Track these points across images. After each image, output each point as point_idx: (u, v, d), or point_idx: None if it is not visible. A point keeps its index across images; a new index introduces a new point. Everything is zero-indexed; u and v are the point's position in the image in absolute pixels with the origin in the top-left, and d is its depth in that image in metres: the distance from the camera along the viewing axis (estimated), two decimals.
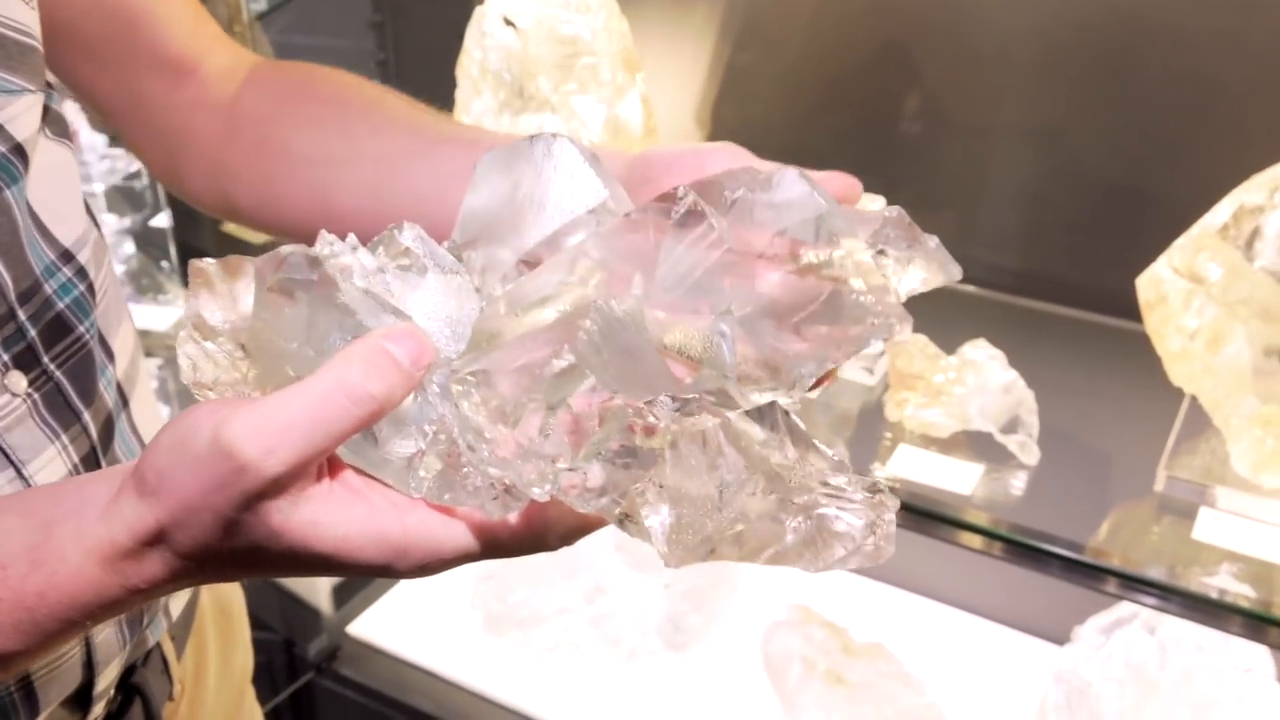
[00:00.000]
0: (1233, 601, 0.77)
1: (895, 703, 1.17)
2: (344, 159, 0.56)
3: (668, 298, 0.37)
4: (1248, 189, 0.82)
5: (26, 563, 0.39)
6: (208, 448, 0.35)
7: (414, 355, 0.36)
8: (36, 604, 0.39)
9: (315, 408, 0.35)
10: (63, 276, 0.50)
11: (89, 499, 0.39)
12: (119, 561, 0.38)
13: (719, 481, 0.36)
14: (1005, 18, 1.05)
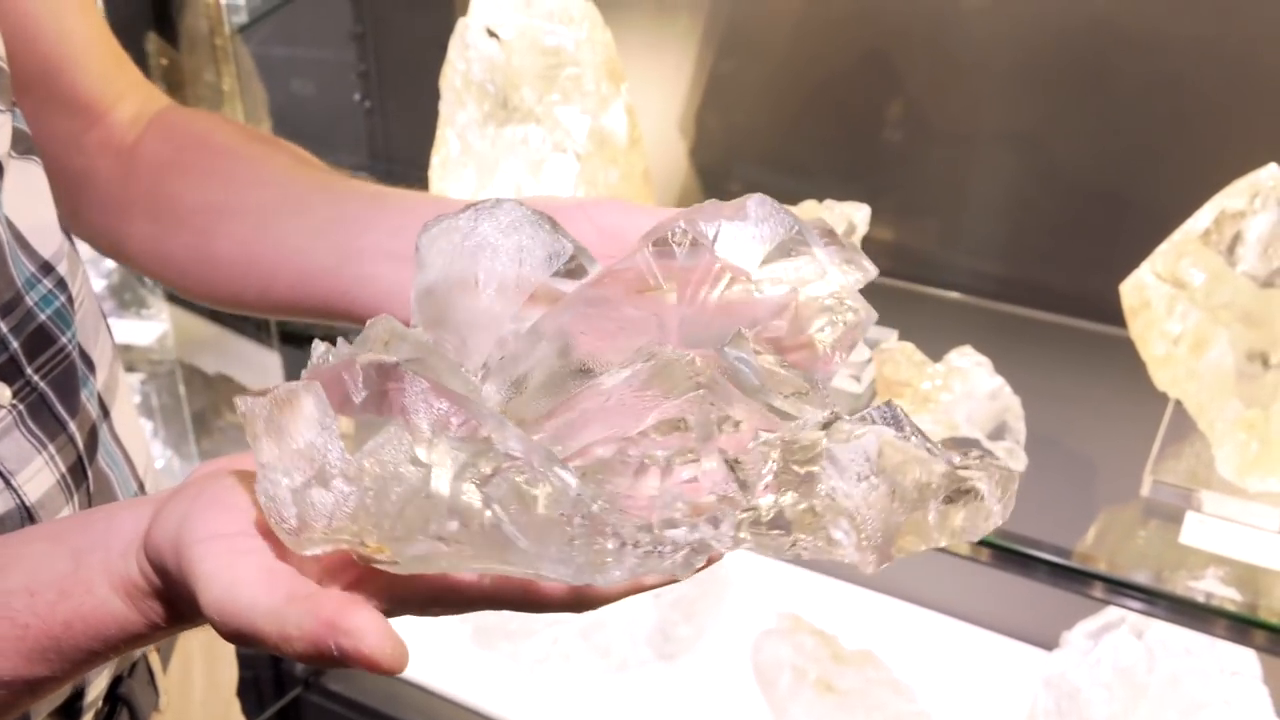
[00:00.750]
0: (1219, 605, 0.77)
1: (885, 710, 1.17)
2: (224, 209, 0.56)
3: (697, 344, 0.37)
4: (1229, 194, 0.82)
5: (56, 591, 0.39)
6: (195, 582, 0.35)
7: (388, 659, 0.34)
8: (63, 633, 0.39)
9: (274, 618, 0.34)
10: (43, 288, 0.50)
11: (116, 531, 0.39)
12: (142, 599, 0.39)
13: (869, 477, 0.35)
14: (986, 25, 1.06)
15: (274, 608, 0.34)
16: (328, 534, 0.33)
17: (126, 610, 0.39)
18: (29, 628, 0.39)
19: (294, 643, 0.33)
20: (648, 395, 0.35)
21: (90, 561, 0.39)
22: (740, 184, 1.23)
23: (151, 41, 1.34)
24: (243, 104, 1.32)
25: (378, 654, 0.33)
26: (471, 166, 1.06)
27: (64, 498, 0.50)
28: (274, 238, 0.55)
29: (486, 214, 0.40)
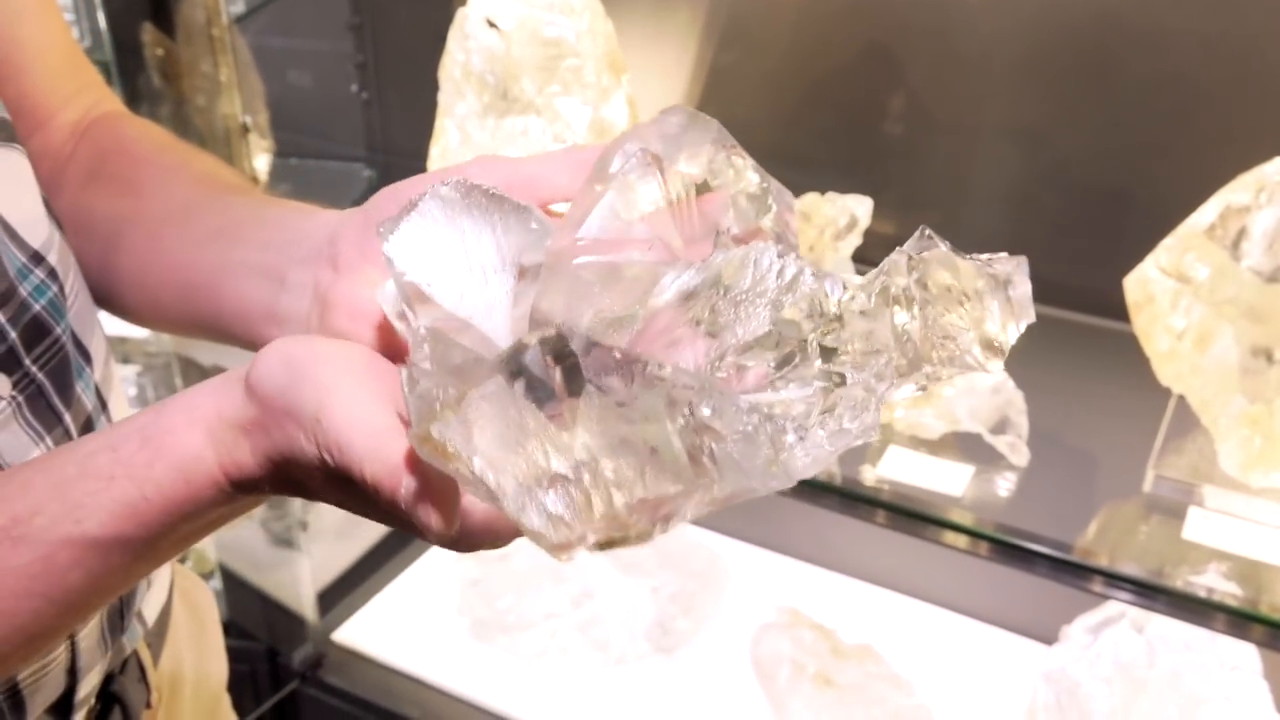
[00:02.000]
0: (1220, 600, 0.77)
1: (885, 704, 1.17)
2: (126, 219, 0.55)
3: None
4: (1234, 189, 0.82)
5: (138, 440, 0.40)
6: (308, 414, 0.36)
7: (437, 525, 0.34)
8: (145, 477, 0.39)
9: (355, 460, 0.35)
10: (35, 278, 0.50)
11: (211, 380, 0.40)
12: (221, 432, 0.39)
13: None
14: (989, 19, 1.05)
15: (369, 447, 0.34)
16: (601, 527, 0.32)
17: (203, 445, 0.39)
18: (113, 478, 0.39)
19: (380, 492, 0.34)
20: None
21: (172, 408, 0.40)
22: None
23: (148, 32, 1.33)
24: (240, 95, 1.31)
25: (439, 532, 0.34)
26: (471, 158, 1.05)
27: None
28: (164, 249, 0.54)
29: (450, 200, 0.40)
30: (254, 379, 0.38)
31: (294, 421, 0.37)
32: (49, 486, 0.40)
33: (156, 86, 1.36)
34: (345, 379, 0.37)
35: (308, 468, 0.37)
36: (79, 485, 0.40)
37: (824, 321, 0.37)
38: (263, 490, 0.40)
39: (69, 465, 0.40)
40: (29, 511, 0.40)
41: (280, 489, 0.40)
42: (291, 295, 0.48)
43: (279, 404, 0.37)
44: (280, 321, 0.49)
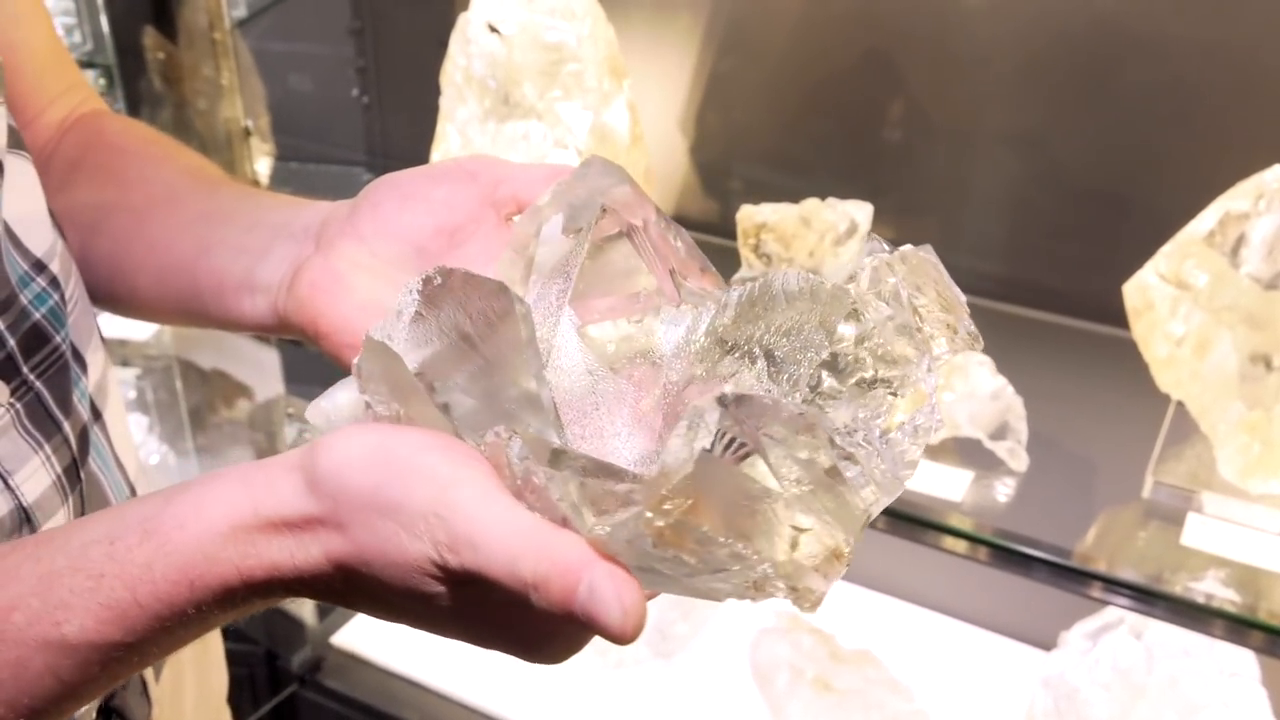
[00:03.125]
0: (1219, 606, 0.77)
1: (884, 709, 1.17)
2: (109, 206, 0.56)
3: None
4: (1233, 196, 0.82)
5: (138, 533, 0.36)
6: (422, 501, 0.33)
7: (621, 618, 0.32)
8: (140, 578, 0.35)
9: (502, 559, 0.32)
10: (37, 286, 0.50)
11: (227, 472, 0.37)
12: (252, 531, 0.35)
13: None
14: (988, 25, 1.06)
15: (530, 544, 0.32)
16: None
17: (221, 544, 0.35)
18: (103, 576, 0.36)
19: (541, 591, 0.32)
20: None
21: (184, 499, 0.36)
22: (741, 181, 1.23)
23: (150, 36, 1.33)
24: (241, 99, 1.31)
25: (622, 627, 0.31)
26: None
27: (60, 499, 0.50)
28: (146, 233, 0.54)
29: (445, 297, 0.38)
30: (327, 470, 0.35)
31: (393, 519, 0.34)
32: (34, 579, 0.36)
33: (158, 90, 1.36)
34: (463, 470, 0.34)
35: (397, 570, 0.34)
36: (66, 581, 0.36)
37: (865, 335, 0.38)
38: (291, 594, 0.37)
39: (60, 555, 0.37)
40: (7, 606, 0.36)
41: (328, 594, 0.37)
42: (269, 266, 0.49)
43: (370, 499, 0.34)
44: (253, 289, 0.49)
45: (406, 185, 0.48)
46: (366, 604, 0.37)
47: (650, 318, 0.41)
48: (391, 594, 0.35)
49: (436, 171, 0.48)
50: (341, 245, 0.47)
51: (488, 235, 0.47)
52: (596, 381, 0.40)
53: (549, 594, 0.32)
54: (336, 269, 0.46)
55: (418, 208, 0.47)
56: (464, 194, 0.47)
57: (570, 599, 0.32)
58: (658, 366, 0.41)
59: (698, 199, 1.26)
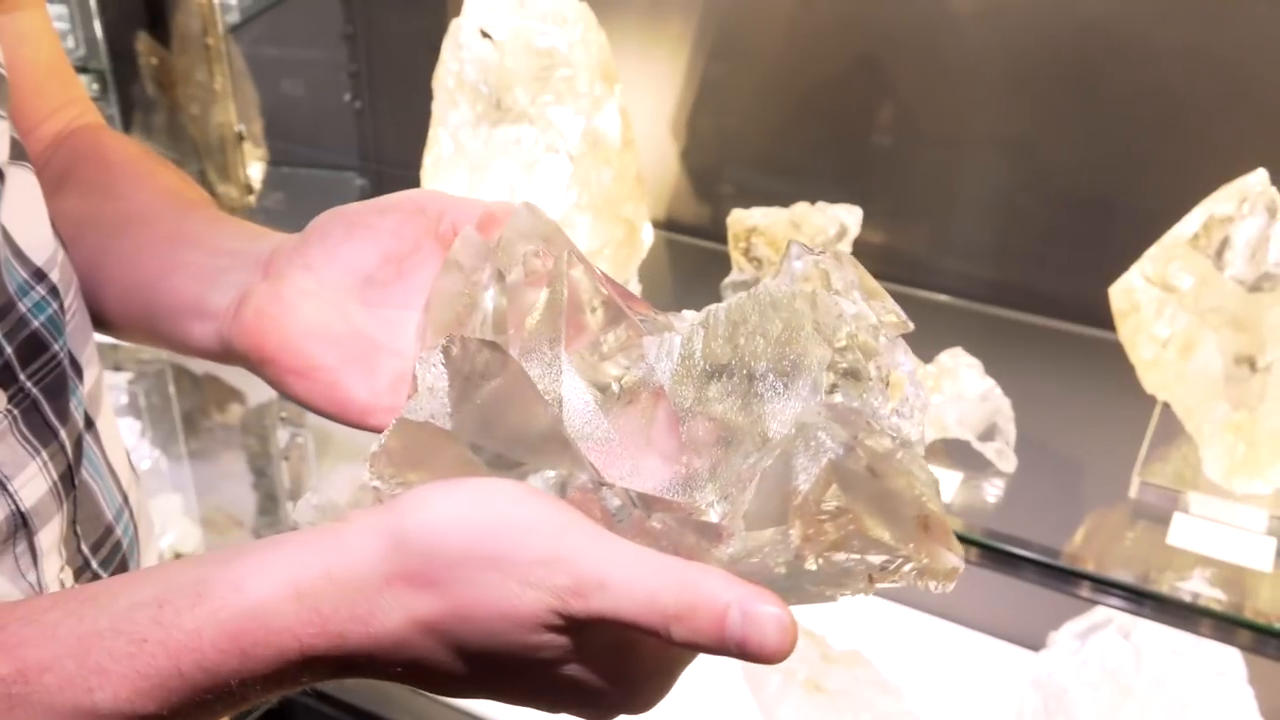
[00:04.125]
0: (1205, 605, 0.78)
1: (874, 710, 1.18)
2: (86, 220, 0.56)
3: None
4: (1217, 199, 0.83)
5: (190, 596, 0.34)
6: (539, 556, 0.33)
7: (779, 637, 0.32)
8: (185, 645, 0.33)
9: (639, 596, 0.32)
10: (36, 295, 0.50)
11: (290, 535, 0.35)
12: (320, 596, 0.33)
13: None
14: (977, 32, 1.06)
15: (668, 578, 0.32)
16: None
17: (284, 607, 0.33)
18: (146, 641, 0.33)
19: (685, 623, 0.31)
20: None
21: (245, 562, 0.34)
22: (732, 186, 1.24)
23: (143, 41, 1.33)
24: (234, 104, 1.31)
25: (780, 644, 0.31)
26: (464, 167, 1.06)
27: (55, 505, 0.50)
28: (115, 250, 0.54)
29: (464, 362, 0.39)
30: (417, 527, 0.34)
31: (500, 570, 0.32)
32: (74, 639, 0.34)
33: (151, 95, 1.36)
34: (567, 516, 0.34)
35: (505, 622, 0.33)
36: (106, 644, 0.34)
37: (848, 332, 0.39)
38: (346, 673, 0.35)
39: (103, 615, 0.34)
40: (40, 666, 0.34)
41: (395, 667, 0.35)
42: (220, 293, 0.49)
43: (470, 552, 0.33)
44: (203, 316, 0.49)
45: (354, 216, 0.48)
46: (442, 675, 0.35)
47: (634, 350, 0.42)
48: (487, 653, 0.34)
49: (384, 203, 0.48)
50: (289, 274, 0.47)
51: (434, 266, 0.48)
52: (611, 420, 0.41)
53: (694, 624, 0.31)
54: (283, 297, 0.46)
55: (365, 237, 0.47)
56: (410, 225, 0.47)
57: (720, 626, 0.31)
58: (660, 396, 0.41)
59: (689, 203, 1.27)
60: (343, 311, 0.47)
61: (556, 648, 0.34)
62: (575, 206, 1.03)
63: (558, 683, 0.35)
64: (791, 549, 0.33)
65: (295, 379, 0.46)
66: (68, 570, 0.51)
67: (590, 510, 0.35)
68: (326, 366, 0.46)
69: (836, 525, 0.32)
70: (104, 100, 1.34)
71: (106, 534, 0.54)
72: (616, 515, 0.35)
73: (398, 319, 0.47)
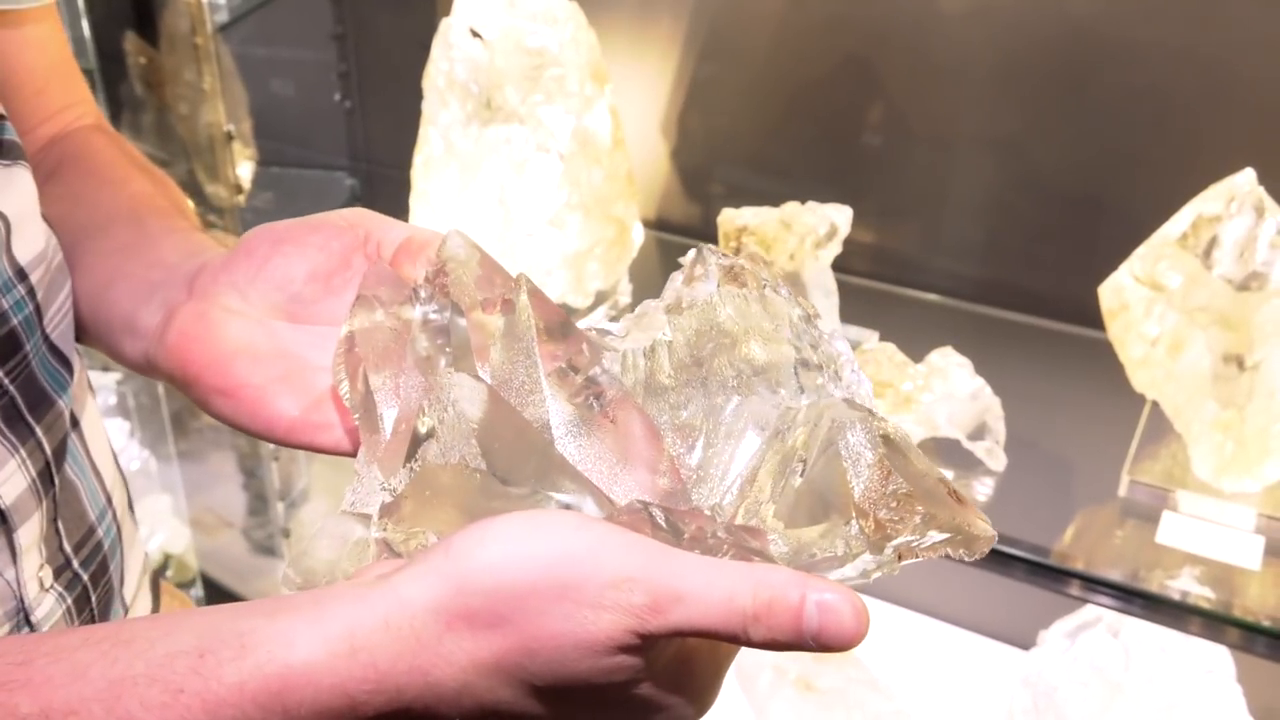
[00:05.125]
0: (1194, 603, 0.78)
1: (865, 709, 1.18)
2: (56, 223, 0.56)
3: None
4: (1205, 199, 0.83)
5: (235, 647, 0.32)
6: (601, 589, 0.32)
7: (854, 622, 0.32)
8: (224, 700, 0.31)
9: (717, 602, 0.32)
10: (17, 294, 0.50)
11: (339, 587, 0.33)
12: (375, 650, 0.32)
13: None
14: (965, 32, 1.07)
15: (741, 579, 0.32)
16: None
17: (334, 664, 0.31)
18: (183, 692, 0.31)
19: (764, 622, 0.32)
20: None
21: (294, 616, 0.32)
22: (722, 185, 1.24)
23: (131, 40, 1.33)
24: (223, 103, 1.31)
25: (857, 629, 0.32)
26: (454, 166, 1.06)
27: (35, 503, 0.50)
28: (76, 256, 0.54)
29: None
30: (477, 567, 0.33)
31: (570, 600, 0.32)
32: (105, 682, 0.32)
33: (139, 95, 1.36)
34: (626, 537, 0.33)
35: (580, 651, 0.32)
36: (139, 691, 0.32)
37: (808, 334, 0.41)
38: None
39: (139, 661, 0.32)
40: (66, 708, 0.32)
41: (457, 715, 0.34)
42: (150, 311, 0.49)
43: (537, 586, 0.32)
44: (134, 333, 0.49)
45: (282, 232, 0.48)
46: (501, 716, 0.34)
47: (597, 369, 0.42)
48: (558, 686, 0.33)
49: (313, 221, 0.48)
50: (214, 292, 0.47)
51: None
52: (598, 438, 0.41)
53: (772, 621, 0.32)
54: (207, 316, 0.46)
55: (292, 253, 0.47)
56: (338, 242, 0.47)
57: (799, 620, 0.32)
58: (636, 408, 0.42)
59: (679, 202, 1.27)
60: (268, 330, 0.47)
61: (629, 669, 0.33)
62: (566, 206, 1.03)
63: (628, 705, 0.35)
64: (862, 540, 0.34)
65: (220, 399, 0.46)
66: (47, 569, 0.51)
67: (641, 530, 0.35)
68: (252, 384, 0.45)
69: (901, 511, 0.34)
70: None
71: (89, 534, 0.54)
72: (670, 531, 0.35)
73: (326, 335, 0.47)
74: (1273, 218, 0.81)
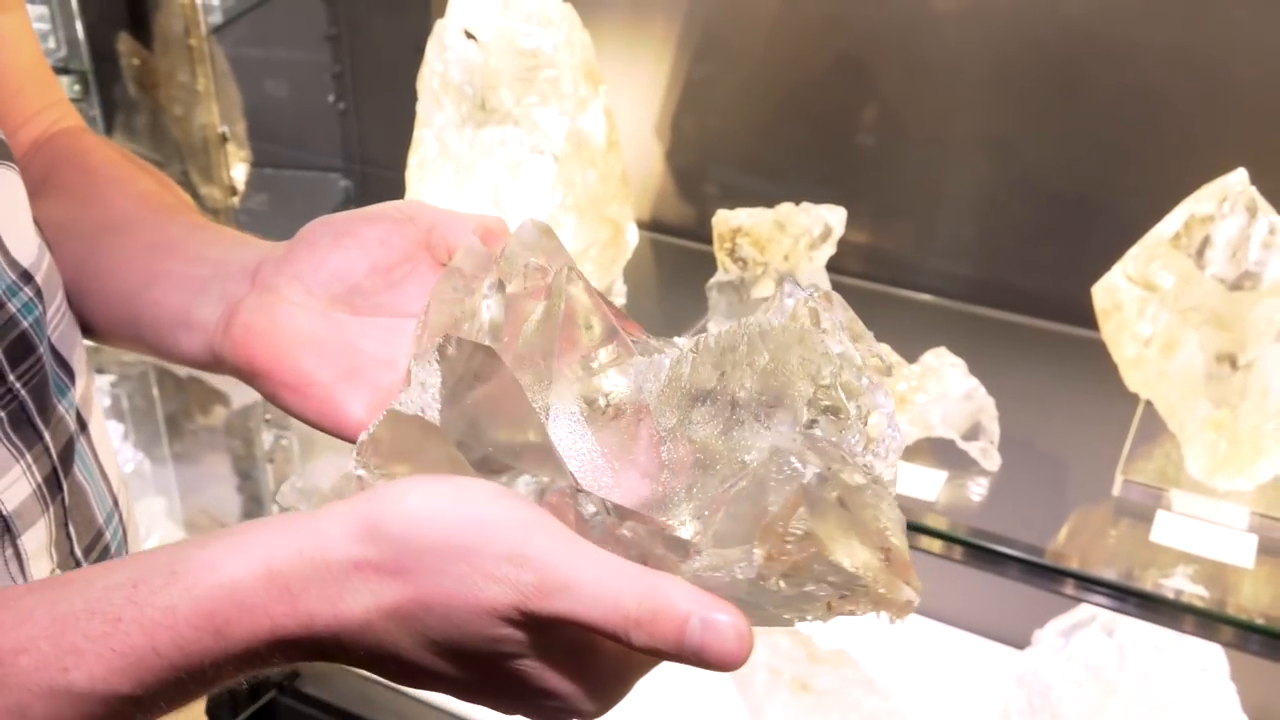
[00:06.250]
0: (1188, 602, 0.78)
1: (860, 709, 1.18)
2: (67, 227, 0.56)
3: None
4: (1198, 199, 0.83)
5: (165, 575, 0.34)
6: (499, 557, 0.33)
7: (737, 644, 0.32)
8: (160, 623, 0.34)
9: (603, 599, 0.33)
10: (24, 296, 0.50)
11: (268, 520, 0.35)
12: (291, 577, 0.34)
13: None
14: (959, 32, 1.07)
15: (632, 584, 0.32)
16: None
17: (255, 587, 0.33)
18: (121, 620, 0.34)
19: (646, 628, 0.32)
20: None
21: (220, 543, 0.34)
22: (716, 186, 1.24)
23: (124, 42, 1.33)
24: (217, 105, 1.31)
25: (737, 652, 0.32)
26: (449, 168, 1.06)
27: (40, 509, 0.50)
28: (96, 259, 0.54)
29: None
30: (392, 516, 0.34)
31: (468, 563, 0.33)
32: (48, 620, 0.35)
33: (133, 96, 1.36)
34: (538, 517, 0.34)
35: (467, 613, 0.34)
36: (81, 624, 0.34)
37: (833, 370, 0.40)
38: (314, 656, 0.36)
39: (78, 598, 0.35)
40: (15, 648, 0.34)
41: (359, 653, 0.35)
42: (207, 305, 0.49)
43: (441, 544, 0.34)
44: (190, 327, 0.49)
45: (341, 225, 0.48)
46: (407, 664, 0.36)
47: (623, 369, 0.42)
48: (449, 643, 0.34)
49: (372, 213, 0.48)
50: (277, 285, 0.47)
51: (424, 276, 0.48)
52: (595, 434, 0.42)
53: (655, 630, 0.32)
54: (272, 309, 0.47)
55: (352, 246, 0.47)
56: (399, 235, 0.47)
57: (681, 633, 0.32)
58: (644, 415, 0.42)
59: (673, 203, 1.27)
60: (332, 322, 0.47)
61: (516, 642, 0.34)
62: (560, 207, 1.03)
63: (516, 678, 0.36)
64: (755, 567, 0.34)
65: (289, 393, 0.46)
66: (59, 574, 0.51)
67: (565, 515, 0.36)
68: (320, 382, 0.46)
69: (800, 548, 0.33)
70: (86, 102, 1.33)
71: (98, 537, 0.54)
72: (590, 521, 0.35)
73: (388, 329, 0.47)
74: (1265, 217, 0.81)
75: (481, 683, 0.37)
